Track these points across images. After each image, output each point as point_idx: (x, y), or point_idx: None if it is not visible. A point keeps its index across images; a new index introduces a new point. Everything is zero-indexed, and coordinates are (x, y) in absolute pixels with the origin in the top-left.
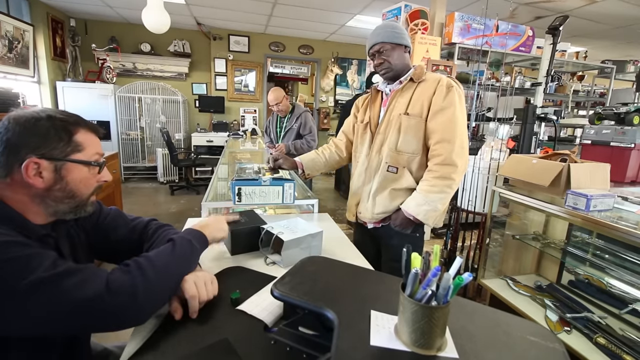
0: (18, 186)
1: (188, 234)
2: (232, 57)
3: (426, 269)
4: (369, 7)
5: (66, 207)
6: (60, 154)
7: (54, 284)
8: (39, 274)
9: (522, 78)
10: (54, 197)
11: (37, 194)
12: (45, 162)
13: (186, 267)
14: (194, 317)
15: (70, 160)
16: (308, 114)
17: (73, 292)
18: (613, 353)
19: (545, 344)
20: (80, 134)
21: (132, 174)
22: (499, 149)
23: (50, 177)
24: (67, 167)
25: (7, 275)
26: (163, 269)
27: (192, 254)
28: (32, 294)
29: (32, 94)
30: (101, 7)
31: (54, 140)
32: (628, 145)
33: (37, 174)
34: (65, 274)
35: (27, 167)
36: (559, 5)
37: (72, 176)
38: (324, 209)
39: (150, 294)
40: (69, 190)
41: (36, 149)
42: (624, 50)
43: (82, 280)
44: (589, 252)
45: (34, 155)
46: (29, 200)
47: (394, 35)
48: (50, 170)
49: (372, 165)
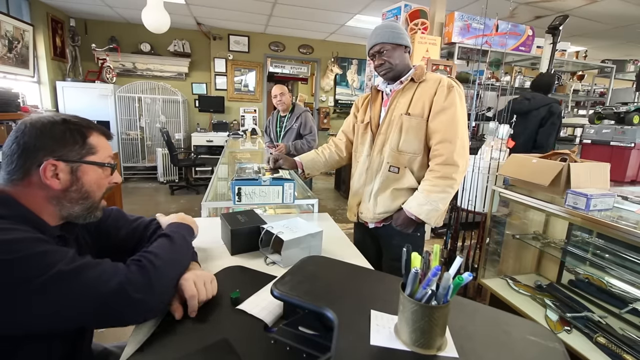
0: (35, 188)
1: (176, 228)
2: (232, 57)
3: (426, 268)
4: (368, 7)
5: (80, 208)
6: (76, 156)
7: (76, 276)
8: (61, 267)
9: (522, 78)
10: (70, 198)
11: (54, 195)
12: (62, 164)
13: (186, 259)
14: (193, 316)
15: (85, 162)
16: (308, 113)
17: (96, 285)
18: (613, 352)
19: (545, 343)
20: (93, 137)
21: (132, 173)
22: (499, 149)
23: (67, 179)
24: (83, 169)
25: (30, 269)
26: (169, 261)
27: (188, 246)
28: (54, 287)
29: (32, 94)
30: (101, 7)
31: (69, 143)
32: (628, 144)
33: (54, 176)
34: (87, 267)
35: (45, 168)
36: (558, 4)
37: (87, 177)
38: (324, 209)
39: (162, 286)
40: (84, 192)
41: (53, 151)
42: (624, 50)
43: (103, 273)
44: (589, 251)
45: (52, 157)
46: (45, 202)
47: (394, 35)
48: (66, 171)
49: (374, 165)
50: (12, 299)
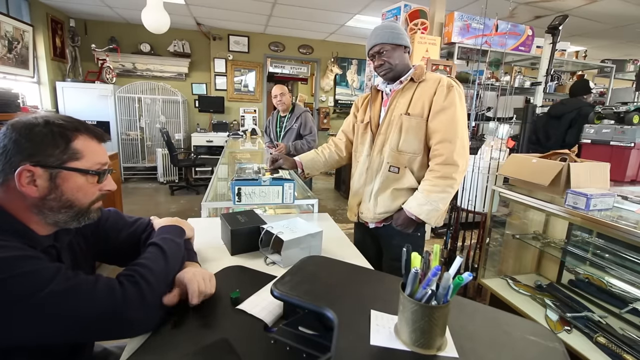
0: (14, 196)
1: (166, 233)
2: (232, 57)
3: (426, 268)
4: (368, 7)
5: (65, 217)
6: (55, 162)
7: (69, 296)
8: (52, 287)
9: (521, 77)
10: (50, 207)
11: (33, 203)
12: (40, 169)
13: (176, 265)
14: (195, 302)
15: (65, 168)
16: (308, 114)
17: (90, 306)
18: (613, 352)
19: (545, 343)
20: (80, 141)
21: (132, 174)
22: (499, 149)
23: (45, 186)
24: (63, 176)
25: (20, 290)
26: (161, 274)
27: (179, 251)
28: (46, 307)
29: (31, 94)
30: (101, 8)
31: (49, 147)
32: (628, 144)
33: (31, 182)
34: (80, 285)
35: (20, 174)
36: (558, 4)
37: (68, 185)
38: (324, 209)
39: (156, 300)
40: (65, 200)
41: (31, 156)
42: (624, 50)
43: (96, 293)
44: (589, 251)
45: (28, 162)
46: (27, 210)
47: (394, 35)
48: (44, 178)
49: (374, 165)
50: (3, 318)
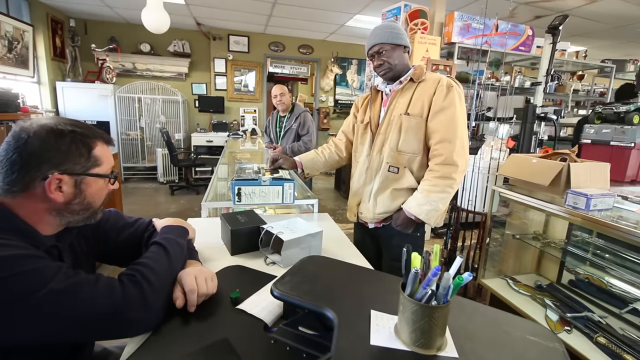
0: (36, 200)
1: (169, 233)
2: (232, 57)
3: (426, 268)
4: (368, 7)
5: (80, 217)
6: (81, 169)
7: (69, 296)
8: (53, 286)
9: (521, 77)
10: (72, 210)
11: (56, 207)
12: (67, 177)
13: (179, 265)
14: (192, 310)
15: (90, 174)
16: (307, 114)
17: (90, 305)
18: (613, 352)
19: (545, 343)
20: (98, 148)
21: (132, 174)
22: (499, 149)
23: (71, 192)
24: (87, 181)
25: (21, 288)
26: (163, 274)
27: (181, 251)
28: (46, 306)
29: (31, 94)
30: (101, 7)
31: (75, 156)
32: (628, 144)
33: (58, 189)
34: (81, 285)
35: (50, 183)
36: (558, 4)
37: (90, 189)
38: (324, 209)
39: (157, 300)
40: (87, 203)
41: (58, 165)
42: (624, 50)
43: (97, 292)
44: (589, 251)
45: (57, 171)
46: (44, 213)
47: (394, 35)
48: (70, 185)
49: (373, 165)
50: (3, 316)
